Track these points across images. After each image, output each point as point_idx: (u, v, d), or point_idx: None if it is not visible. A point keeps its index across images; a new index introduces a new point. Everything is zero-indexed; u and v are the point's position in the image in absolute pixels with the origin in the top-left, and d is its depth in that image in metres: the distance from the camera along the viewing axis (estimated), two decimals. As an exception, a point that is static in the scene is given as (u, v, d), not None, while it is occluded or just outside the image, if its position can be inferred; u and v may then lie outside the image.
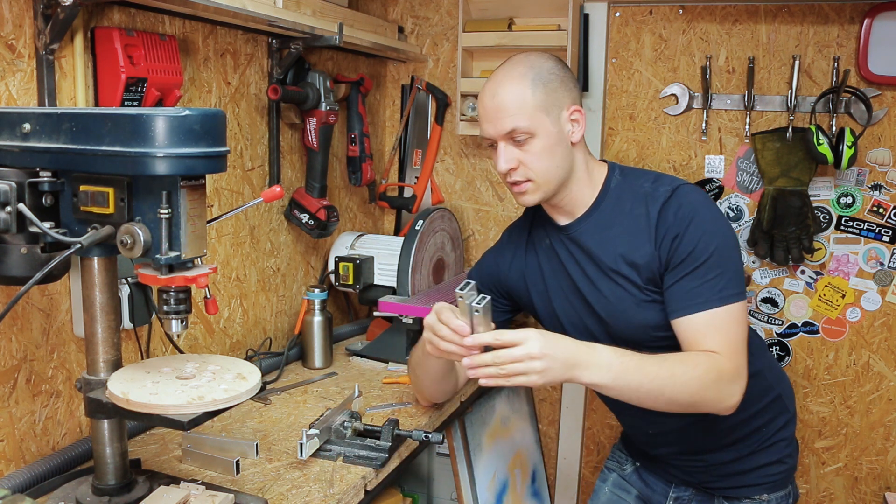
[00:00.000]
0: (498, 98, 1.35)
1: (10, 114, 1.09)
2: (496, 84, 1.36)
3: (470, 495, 2.04)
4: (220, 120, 1.04)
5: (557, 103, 1.36)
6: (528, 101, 1.33)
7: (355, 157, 2.27)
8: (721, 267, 1.31)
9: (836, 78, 2.12)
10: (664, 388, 1.24)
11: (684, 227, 1.32)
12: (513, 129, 1.34)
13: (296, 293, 2.16)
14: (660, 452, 1.56)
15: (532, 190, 1.39)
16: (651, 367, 1.24)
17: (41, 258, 1.10)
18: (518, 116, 1.33)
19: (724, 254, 1.32)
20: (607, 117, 2.37)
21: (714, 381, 1.27)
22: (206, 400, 1.06)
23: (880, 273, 2.19)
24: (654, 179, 1.41)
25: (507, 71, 1.37)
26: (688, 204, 1.34)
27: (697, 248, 1.31)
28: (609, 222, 1.41)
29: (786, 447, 1.51)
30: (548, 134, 1.35)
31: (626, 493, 1.67)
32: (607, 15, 2.31)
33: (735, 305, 1.31)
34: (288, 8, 1.74)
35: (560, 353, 1.19)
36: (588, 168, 1.43)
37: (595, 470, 2.54)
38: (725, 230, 1.36)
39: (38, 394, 1.37)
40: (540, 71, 1.35)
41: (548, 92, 1.35)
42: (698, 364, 1.27)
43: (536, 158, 1.35)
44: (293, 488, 1.32)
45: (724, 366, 1.28)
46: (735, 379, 1.29)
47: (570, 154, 1.39)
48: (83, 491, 1.20)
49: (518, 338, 1.17)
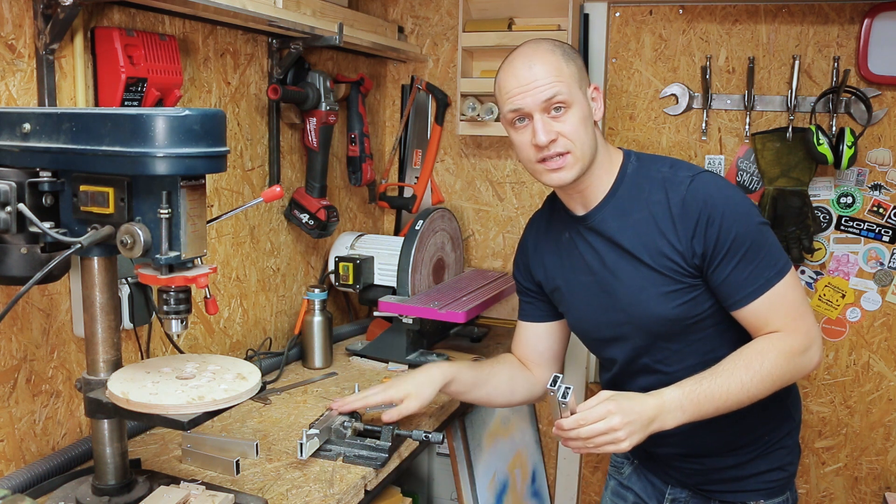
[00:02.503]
0: (535, 68, 1.32)
1: (10, 114, 1.09)
2: (527, 58, 1.34)
3: (470, 495, 2.04)
4: (220, 120, 1.04)
5: (585, 79, 1.38)
6: (565, 71, 1.33)
7: (355, 157, 2.27)
8: (764, 245, 1.32)
9: (836, 78, 2.12)
10: (741, 398, 1.28)
11: (719, 214, 1.31)
12: (553, 95, 1.31)
13: (296, 293, 2.16)
14: (660, 452, 1.55)
15: (571, 164, 1.34)
16: (721, 388, 1.27)
17: (41, 258, 1.10)
18: (557, 83, 1.31)
19: (762, 232, 1.33)
20: (607, 117, 2.37)
21: (786, 362, 1.30)
22: (206, 400, 1.06)
23: (880, 273, 2.19)
24: (671, 165, 1.39)
25: (535, 47, 1.36)
26: (715, 191, 1.33)
27: (739, 235, 1.30)
28: (628, 209, 1.38)
29: (787, 455, 1.49)
30: (581, 106, 1.34)
31: (623, 500, 1.66)
32: (607, 15, 2.31)
33: (788, 276, 1.33)
34: (288, 8, 1.74)
35: (637, 416, 1.23)
36: (605, 154, 1.41)
37: (595, 470, 2.54)
38: (754, 209, 1.36)
39: (38, 394, 1.37)
40: (565, 49, 1.37)
41: (578, 66, 1.36)
42: (764, 358, 1.29)
43: (574, 129, 1.33)
44: (293, 488, 1.32)
45: (789, 343, 1.30)
46: (807, 346, 1.32)
47: (593, 133, 1.38)
48: (83, 491, 1.20)
49: (598, 414, 1.22)
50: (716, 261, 1.32)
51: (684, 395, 1.26)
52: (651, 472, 1.60)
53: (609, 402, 1.24)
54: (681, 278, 1.34)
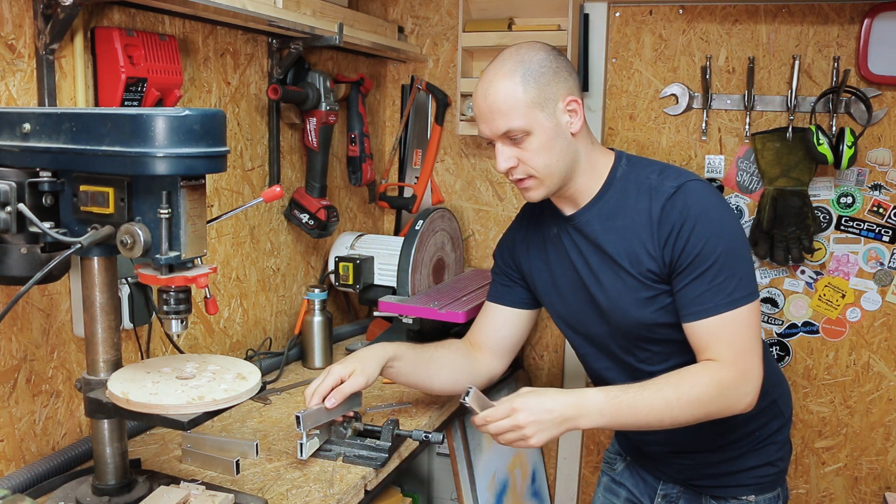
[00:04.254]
0: (489, 98, 1.31)
1: (10, 114, 1.09)
2: (487, 83, 1.33)
3: (470, 495, 2.04)
4: (220, 120, 1.04)
5: (552, 97, 1.31)
6: (521, 99, 1.29)
7: (355, 157, 2.27)
8: (730, 269, 1.29)
9: (836, 78, 2.12)
10: (663, 417, 1.27)
11: (690, 227, 1.29)
12: (507, 130, 1.31)
13: (296, 293, 2.16)
14: (651, 450, 1.56)
15: (535, 186, 1.36)
16: (646, 401, 1.26)
17: (41, 258, 1.10)
18: (511, 117, 1.30)
19: (732, 254, 1.29)
20: (607, 117, 2.37)
21: (716, 394, 1.27)
22: (206, 400, 1.06)
23: (880, 273, 2.19)
24: (660, 171, 1.37)
25: (497, 68, 1.33)
26: (694, 202, 1.31)
27: (704, 251, 1.29)
28: (613, 213, 1.38)
29: (777, 450, 1.50)
30: (544, 130, 1.31)
31: (616, 496, 1.67)
32: (607, 15, 2.31)
33: (744, 308, 1.29)
34: (288, 8, 1.73)
35: (545, 414, 1.25)
36: (592, 157, 1.39)
37: (595, 470, 2.54)
38: (733, 229, 1.33)
39: (38, 394, 1.37)
40: (530, 65, 1.31)
41: (540, 87, 1.30)
42: (695, 383, 1.27)
43: (535, 155, 1.33)
44: (293, 488, 1.32)
45: (724, 375, 1.27)
46: (740, 383, 1.28)
47: (571, 146, 1.35)
48: (83, 491, 1.20)
49: (503, 412, 1.26)
50: (677, 271, 1.32)
51: (606, 400, 1.26)
52: (643, 468, 1.61)
53: (516, 400, 1.27)
54: (657, 285, 1.35)
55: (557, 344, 2.51)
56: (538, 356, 2.54)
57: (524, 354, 2.55)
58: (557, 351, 2.51)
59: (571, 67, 1.37)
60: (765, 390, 1.46)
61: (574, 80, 1.36)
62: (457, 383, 1.57)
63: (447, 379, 1.56)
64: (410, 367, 1.52)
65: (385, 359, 1.47)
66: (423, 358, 1.54)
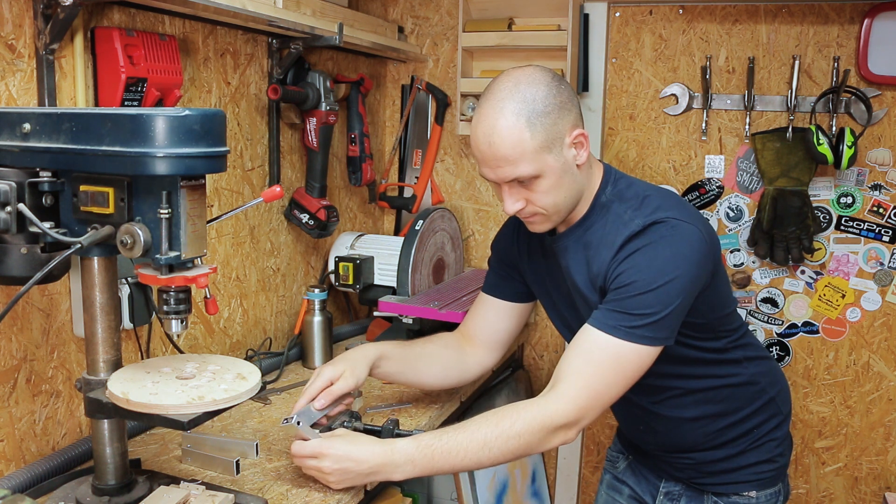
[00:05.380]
0: (495, 146, 1.24)
1: (10, 114, 1.09)
2: (489, 127, 1.24)
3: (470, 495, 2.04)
4: (220, 120, 1.04)
5: (559, 135, 1.26)
6: (529, 146, 1.23)
7: (355, 157, 2.27)
8: (653, 307, 1.23)
9: (836, 78, 2.12)
10: (481, 458, 1.23)
11: (636, 258, 1.25)
12: (515, 178, 1.27)
13: (296, 293, 2.16)
14: (650, 448, 1.57)
15: (542, 221, 1.34)
16: (460, 444, 1.23)
17: (41, 258, 1.10)
18: (519, 164, 1.24)
19: (664, 296, 1.23)
20: (607, 117, 2.37)
21: (537, 431, 1.23)
22: (206, 400, 1.06)
23: (880, 273, 2.19)
24: (637, 206, 1.32)
25: (499, 109, 1.24)
26: (652, 238, 1.26)
27: (637, 282, 1.24)
28: (587, 244, 1.36)
29: (777, 447, 1.50)
30: (553, 171, 1.27)
31: (619, 493, 1.67)
32: (607, 15, 2.31)
33: (636, 346, 1.23)
34: (288, 8, 1.73)
35: (352, 464, 1.23)
36: (591, 181, 1.37)
37: (595, 470, 2.54)
38: (684, 271, 1.24)
39: (38, 394, 1.37)
40: (534, 105, 1.24)
41: (546, 128, 1.24)
42: (518, 418, 1.23)
43: (544, 196, 1.29)
44: (293, 488, 1.32)
45: (553, 408, 1.23)
46: (564, 428, 1.24)
47: (577, 178, 1.32)
48: (83, 491, 1.20)
49: (310, 451, 1.26)
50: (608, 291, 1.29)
51: (417, 450, 1.23)
52: (645, 466, 1.62)
53: (326, 445, 1.25)
54: None
55: (557, 344, 2.51)
56: (538, 356, 2.54)
57: (524, 354, 2.55)
58: (557, 351, 2.51)
59: (572, 92, 1.32)
60: (761, 390, 1.48)
61: (576, 106, 1.31)
62: (447, 378, 1.58)
63: (437, 374, 1.57)
64: (398, 366, 1.52)
65: (373, 358, 1.47)
66: (411, 355, 1.54)
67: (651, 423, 1.50)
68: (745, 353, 1.46)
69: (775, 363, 1.58)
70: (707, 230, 1.32)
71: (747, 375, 1.46)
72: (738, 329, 1.46)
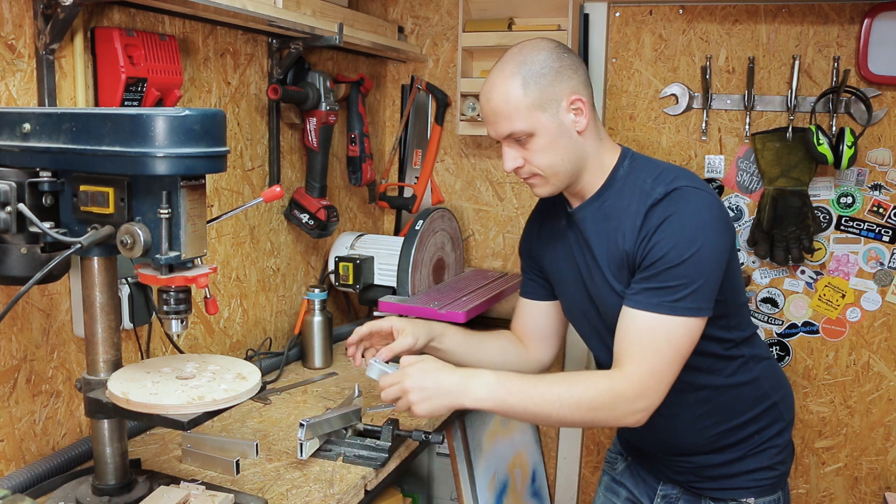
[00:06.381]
0: (492, 102, 1.33)
1: (10, 114, 1.09)
2: (490, 86, 1.34)
3: (470, 495, 2.04)
4: (220, 120, 1.04)
5: (554, 97, 1.31)
6: (522, 102, 1.30)
7: (355, 157, 2.27)
8: (688, 276, 1.25)
9: (836, 78, 2.12)
10: (551, 411, 1.26)
11: (664, 229, 1.27)
12: (510, 133, 1.33)
13: (296, 293, 2.16)
14: (650, 450, 1.56)
15: (541, 183, 1.38)
16: (537, 390, 1.26)
17: (41, 258, 1.10)
18: (513, 119, 1.31)
19: (697, 264, 1.26)
20: (607, 117, 2.37)
21: (608, 403, 1.26)
22: (206, 400, 1.06)
23: (880, 273, 2.19)
24: (656, 175, 1.35)
25: (500, 70, 1.34)
26: (677, 207, 1.28)
27: (669, 253, 1.26)
28: (608, 214, 1.38)
29: (777, 454, 1.49)
30: (547, 131, 1.32)
31: (616, 495, 1.67)
32: (607, 15, 2.31)
33: (681, 319, 1.25)
34: (288, 8, 1.74)
35: (432, 383, 1.28)
36: (601, 154, 1.39)
37: (595, 470, 2.54)
38: (711, 239, 1.28)
39: (38, 394, 1.37)
40: (532, 66, 1.31)
41: (541, 88, 1.31)
42: (591, 387, 1.26)
43: (539, 155, 1.34)
44: (293, 488, 1.32)
45: (623, 388, 1.26)
46: (636, 399, 1.26)
47: (577, 144, 1.35)
48: (83, 491, 1.20)
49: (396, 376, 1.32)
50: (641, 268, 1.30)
51: (497, 380, 1.27)
52: (643, 468, 1.61)
53: (409, 367, 1.31)
54: None
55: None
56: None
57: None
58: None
59: (578, 64, 1.36)
60: (764, 393, 1.47)
61: (579, 77, 1.35)
62: (505, 366, 1.57)
63: (496, 359, 1.59)
64: (456, 346, 1.56)
65: (436, 331, 1.53)
66: (471, 342, 1.59)
67: (651, 425, 1.49)
68: (752, 353, 1.45)
69: (779, 367, 1.57)
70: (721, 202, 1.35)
71: (751, 378, 1.45)
72: (747, 326, 1.45)
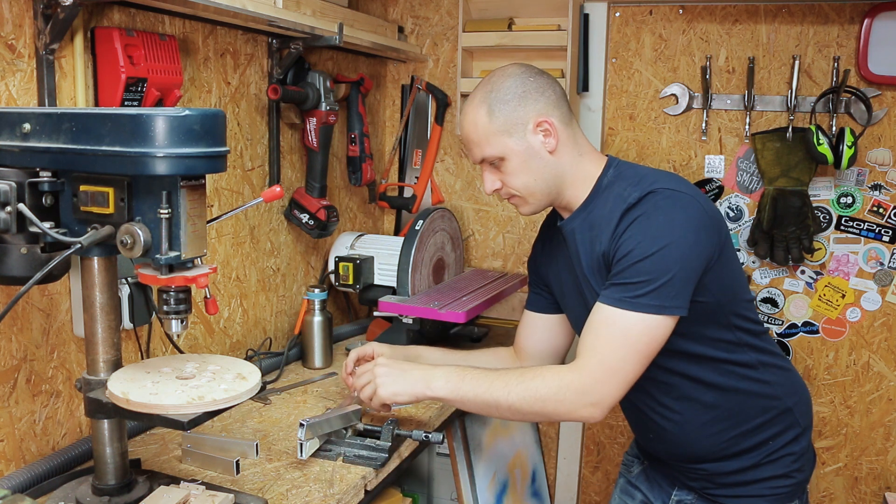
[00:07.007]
0: (465, 129, 1.42)
1: (10, 114, 1.09)
2: (463, 115, 1.42)
3: (470, 495, 2.04)
4: (220, 120, 1.04)
5: (520, 121, 1.36)
6: (489, 129, 1.37)
7: (355, 157, 2.27)
8: (652, 273, 1.24)
9: (836, 78, 2.12)
10: (500, 400, 1.31)
11: (633, 228, 1.28)
12: (482, 159, 1.40)
13: (296, 293, 2.16)
14: (661, 455, 1.55)
15: (521, 203, 1.44)
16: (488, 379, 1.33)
17: (41, 258, 1.10)
18: (483, 146, 1.38)
19: (663, 261, 1.24)
20: (607, 117, 2.37)
21: (555, 392, 1.27)
22: (206, 400, 1.06)
23: (880, 273, 2.19)
24: (637, 181, 1.35)
25: (472, 98, 1.41)
26: (648, 208, 1.28)
27: (635, 250, 1.26)
28: (592, 223, 1.39)
29: (794, 461, 1.44)
30: (516, 154, 1.37)
31: (631, 498, 1.66)
32: (607, 15, 2.31)
33: (642, 316, 1.24)
34: (288, 8, 1.74)
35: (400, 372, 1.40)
36: (581, 169, 1.41)
37: (595, 470, 2.54)
38: (682, 237, 1.25)
39: (38, 394, 1.37)
40: (497, 93, 1.37)
41: (506, 114, 1.36)
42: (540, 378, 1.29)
43: (513, 177, 1.40)
44: (293, 488, 1.32)
45: (570, 378, 1.27)
46: (585, 392, 1.26)
47: (550, 164, 1.38)
48: (83, 491, 1.20)
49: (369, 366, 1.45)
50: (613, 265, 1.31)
51: (456, 372, 1.37)
52: (659, 473, 1.60)
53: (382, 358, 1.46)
54: None
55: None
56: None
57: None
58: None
59: (546, 86, 1.39)
60: (776, 398, 1.43)
61: (546, 99, 1.37)
62: None
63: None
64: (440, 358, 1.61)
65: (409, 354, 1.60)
66: (456, 354, 1.64)
67: (659, 432, 1.48)
68: (760, 358, 1.41)
69: (795, 373, 1.52)
70: (708, 205, 1.34)
71: (761, 382, 1.41)
72: (753, 327, 1.41)
